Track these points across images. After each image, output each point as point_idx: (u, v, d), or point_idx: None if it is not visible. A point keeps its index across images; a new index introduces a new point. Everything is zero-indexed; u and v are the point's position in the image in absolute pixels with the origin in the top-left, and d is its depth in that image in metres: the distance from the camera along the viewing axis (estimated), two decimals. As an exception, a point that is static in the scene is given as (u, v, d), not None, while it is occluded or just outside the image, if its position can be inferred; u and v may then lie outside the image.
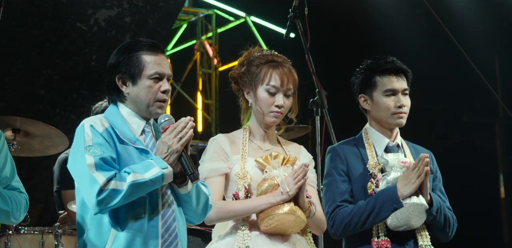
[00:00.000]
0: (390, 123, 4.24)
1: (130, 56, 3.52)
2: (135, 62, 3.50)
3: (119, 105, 3.57)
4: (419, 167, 3.99)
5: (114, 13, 8.01)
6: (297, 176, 3.75)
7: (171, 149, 3.36)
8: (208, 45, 10.87)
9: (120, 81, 3.53)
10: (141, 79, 3.49)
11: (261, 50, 4.08)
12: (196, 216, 3.57)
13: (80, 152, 3.36)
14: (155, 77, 3.49)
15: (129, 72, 3.50)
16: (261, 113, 3.96)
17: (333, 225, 4.09)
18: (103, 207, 3.27)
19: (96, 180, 3.26)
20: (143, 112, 3.52)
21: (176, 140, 3.36)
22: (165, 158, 3.36)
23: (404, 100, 4.23)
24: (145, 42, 3.57)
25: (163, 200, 3.42)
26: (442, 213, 4.12)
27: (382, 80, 4.25)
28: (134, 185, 3.27)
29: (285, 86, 3.94)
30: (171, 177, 3.37)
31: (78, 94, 7.90)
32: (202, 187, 3.53)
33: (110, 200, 3.26)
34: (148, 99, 3.48)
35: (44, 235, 5.32)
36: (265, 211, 3.78)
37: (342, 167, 4.19)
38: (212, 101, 10.63)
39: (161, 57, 3.54)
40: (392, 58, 4.31)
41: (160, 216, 3.39)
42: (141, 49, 3.53)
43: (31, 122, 5.45)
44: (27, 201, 3.84)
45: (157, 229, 3.36)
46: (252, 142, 4.02)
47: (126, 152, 3.42)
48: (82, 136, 3.40)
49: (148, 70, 3.49)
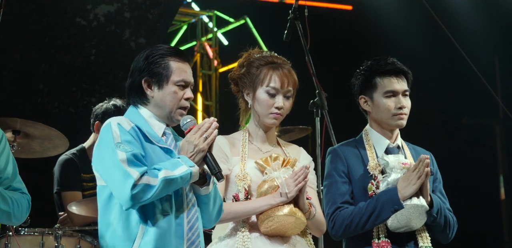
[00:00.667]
0: (390, 124, 4.24)
1: (159, 61, 3.57)
2: (163, 67, 3.55)
3: (139, 107, 3.61)
4: (420, 168, 3.99)
5: (114, 9, 8.02)
6: (297, 178, 3.76)
7: (197, 148, 3.42)
8: (208, 47, 10.86)
9: (146, 84, 3.57)
10: (168, 84, 3.55)
11: (261, 52, 4.09)
12: (211, 219, 3.62)
13: (109, 149, 3.40)
14: (181, 84, 3.55)
15: (156, 76, 3.55)
16: (261, 115, 3.96)
17: (334, 226, 4.08)
18: (136, 201, 3.31)
19: (130, 174, 3.31)
20: (164, 117, 3.58)
21: (202, 139, 3.42)
22: (191, 157, 3.42)
23: (404, 101, 4.23)
24: (174, 49, 3.64)
25: (187, 199, 3.48)
26: (443, 214, 4.12)
27: (382, 82, 4.25)
28: (166, 181, 3.32)
29: (285, 87, 3.95)
30: (197, 176, 3.43)
31: (77, 87, 7.88)
32: (218, 190, 3.60)
33: (143, 195, 3.30)
34: (172, 104, 3.54)
35: (44, 237, 5.31)
36: (265, 213, 3.78)
37: (342, 168, 4.19)
38: (212, 103, 10.63)
39: (187, 65, 3.61)
40: (392, 60, 4.31)
41: (185, 214, 3.45)
42: (170, 55, 3.58)
43: (31, 124, 5.45)
44: (29, 202, 3.84)
45: (182, 227, 3.42)
46: (251, 143, 4.02)
47: (152, 150, 3.48)
48: (110, 133, 3.44)
49: (176, 77, 3.55)
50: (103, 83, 7.91)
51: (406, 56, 4.90)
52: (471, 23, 9.44)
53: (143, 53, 3.64)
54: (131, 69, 3.64)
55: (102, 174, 3.46)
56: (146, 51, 3.64)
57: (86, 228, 5.49)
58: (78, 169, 5.79)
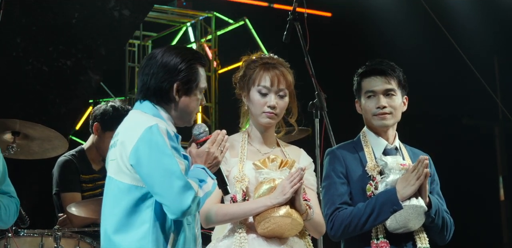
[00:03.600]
0: (374, 125, 4.24)
1: (192, 67, 3.51)
2: (194, 74, 3.51)
3: (158, 107, 3.52)
4: (419, 169, 4.00)
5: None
6: (293, 180, 3.76)
7: (216, 160, 3.49)
8: (207, 48, 10.86)
9: (177, 88, 3.50)
10: (195, 91, 3.52)
11: (261, 55, 4.10)
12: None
13: (164, 155, 3.33)
14: (202, 91, 3.57)
15: (187, 81, 3.49)
16: (256, 115, 3.97)
17: (333, 227, 4.09)
18: (190, 213, 3.33)
19: (191, 186, 3.31)
20: (182, 121, 3.56)
21: (219, 152, 3.48)
22: (210, 168, 3.47)
23: (384, 101, 4.20)
24: (200, 54, 3.64)
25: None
26: (440, 215, 4.13)
27: (364, 83, 4.27)
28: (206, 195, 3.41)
29: (276, 86, 3.95)
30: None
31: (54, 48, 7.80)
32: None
33: (197, 207, 3.36)
34: (195, 111, 3.56)
35: (44, 238, 5.31)
36: (262, 214, 3.78)
37: (341, 169, 4.19)
38: (212, 104, 10.62)
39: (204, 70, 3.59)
40: (380, 60, 4.31)
41: (196, 224, 3.52)
42: (198, 61, 3.55)
43: (31, 125, 5.45)
44: (18, 206, 3.85)
45: (194, 233, 3.49)
46: (251, 145, 4.02)
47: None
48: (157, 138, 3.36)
49: (202, 84, 3.55)
50: (81, 48, 7.81)
51: (404, 57, 4.91)
52: (470, 23, 9.45)
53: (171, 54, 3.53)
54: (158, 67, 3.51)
55: (148, 177, 3.35)
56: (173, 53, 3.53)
57: (85, 229, 5.49)
58: (77, 170, 5.79)
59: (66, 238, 5.34)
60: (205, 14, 10.90)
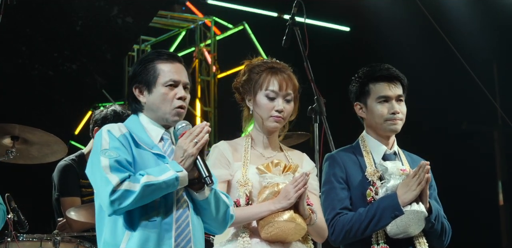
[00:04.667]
0: (384, 130, 4.25)
1: (146, 66, 3.59)
2: (150, 71, 3.57)
3: (139, 114, 3.63)
4: (420, 174, 4.00)
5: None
6: (297, 185, 3.76)
7: (187, 153, 3.41)
8: (206, 52, 10.87)
9: (137, 90, 3.60)
10: (156, 87, 3.55)
11: (262, 59, 4.11)
12: (217, 225, 3.60)
13: (97, 156, 3.43)
14: (169, 84, 3.55)
15: (145, 81, 3.57)
16: (262, 119, 3.97)
17: (333, 232, 4.09)
18: (116, 207, 3.33)
19: (109, 180, 3.33)
20: (161, 120, 3.58)
21: (192, 144, 3.42)
22: (181, 162, 3.41)
23: (397, 107, 4.23)
24: (162, 52, 3.65)
25: (177, 205, 3.46)
26: (440, 220, 4.13)
27: (375, 87, 4.27)
28: (148, 186, 3.32)
29: (284, 90, 3.96)
30: (186, 181, 3.42)
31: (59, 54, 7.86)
32: (222, 196, 3.56)
33: (122, 200, 3.31)
34: (164, 106, 3.54)
35: (43, 242, 5.30)
36: (265, 219, 3.78)
37: (341, 174, 4.19)
38: (211, 109, 10.63)
39: (176, 65, 3.60)
40: (387, 66, 4.32)
41: (174, 220, 3.43)
42: (157, 58, 3.60)
43: (30, 130, 5.44)
44: (5, 212, 3.87)
45: (171, 234, 3.41)
46: (254, 149, 4.03)
47: (142, 156, 3.48)
48: (100, 140, 3.48)
49: (163, 78, 3.55)
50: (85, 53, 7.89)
51: (404, 62, 4.92)
52: (469, 29, 9.45)
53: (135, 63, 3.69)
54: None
55: (91, 181, 3.48)
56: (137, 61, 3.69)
57: (84, 234, 5.48)
58: (77, 175, 5.79)
59: (65, 243, 5.33)
60: (204, 18, 10.92)
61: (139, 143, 3.50)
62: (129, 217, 3.40)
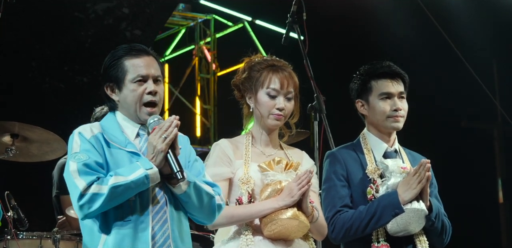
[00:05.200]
0: (386, 127, 4.25)
1: (114, 63, 3.55)
2: (118, 69, 3.53)
3: (115, 112, 3.60)
4: (420, 172, 4.00)
5: (113, 5, 8.06)
6: (301, 182, 3.76)
7: (156, 149, 3.36)
8: (206, 50, 10.87)
9: (109, 89, 3.57)
10: (125, 84, 3.52)
11: (262, 57, 4.10)
12: (203, 216, 3.55)
13: (68, 160, 3.42)
14: (137, 80, 3.51)
15: (114, 79, 3.54)
16: (263, 117, 3.97)
17: (334, 230, 4.09)
18: (85, 211, 3.31)
19: (76, 185, 3.31)
20: (133, 117, 3.54)
21: (161, 140, 3.36)
22: (152, 158, 3.37)
23: (400, 104, 4.23)
24: (128, 47, 3.59)
25: (154, 202, 3.42)
26: (440, 219, 4.13)
27: (377, 84, 4.27)
28: (116, 188, 3.29)
29: (285, 89, 3.96)
30: (158, 178, 3.37)
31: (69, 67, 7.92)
32: (204, 187, 3.50)
33: (91, 204, 3.29)
34: (134, 103, 3.50)
35: (43, 240, 5.31)
36: (268, 216, 3.78)
37: (341, 172, 4.19)
38: (211, 106, 10.62)
39: (144, 59, 3.55)
40: (389, 63, 4.32)
41: (150, 218, 3.39)
42: (124, 54, 3.55)
43: (30, 127, 5.45)
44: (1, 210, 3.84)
45: (147, 232, 3.36)
46: (255, 147, 4.03)
47: (115, 156, 3.44)
48: (71, 144, 3.46)
49: (130, 75, 3.51)
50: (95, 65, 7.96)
51: (404, 60, 4.91)
52: (469, 26, 9.45)
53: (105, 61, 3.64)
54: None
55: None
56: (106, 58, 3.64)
57: (84, 232, 5.49)
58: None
59: (65, 241, 5.34)
60: (204, 16, 10.91)
61: (111, 142, 3.46)
62: (104, 218, 3.38)
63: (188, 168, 3.56)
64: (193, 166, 3.61)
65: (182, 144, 3.55)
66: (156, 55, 3.64)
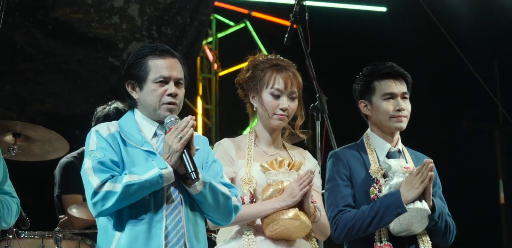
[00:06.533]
0: (389, 127, 4.25)
1: (138, 62, 3.57)
2: (141, 67, 3.55)
3: (134, 110, 3.62)
4: (423, 172, 4.00)
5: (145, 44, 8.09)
6: (302, 182, 3.76)
7: (172, 149, 3.38)
8: (208, 50, 10.86)
9: (130, 86, 3.59)
10: (147, 83, 3.53)
11: (266, 56, 4.10)
12: (220, 217, 3.55)
13: (84, 157, 3.44)
14: (159, 80, 3.52)
15: (136, 77, 3.55)
16: (266, 117, 3.97)
17: (336, 229, 4.09)
18: (99, 209, 3.34)
19: (90, 183, 3.34)
20: (153, 116, 3.56)
21: (177, 140, 3.38)
22: (167, 158, 3.39)
23: (403, 104, 4.24)
24: (153, 47, 3.61)
25: (168, 201, 3.43)
26: (443, 218, 4.13)
27: (380, 85, 4.27)
28: (129, 186, 3.31)
29: (289, 89, 3.96)
30: (172, 177, 3.38)
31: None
32: (221, 188, 3.50)
33: (105, 202, 3.31)
34: (154, 102, 3.52)
35: (44, 240, 5.32)
36: (270, 216, 3.78)
37: (344, 172, 4.20)
38: (212, 106, 10.61)
39: (168, 60, 3.56)
40: (391, 63, 4.33)
41: (164, 217, 3.40)
42: (149, 54, 3.57)
43: (32, 127, 5.44)
44: (19, 206, 3.86)
45: (160, 231, 3.37)
46: (257, 146, 4.03)
47: (131, 155, 3.46)
48: (88, 142, 3.48)
49: (153, 74, 3.53)
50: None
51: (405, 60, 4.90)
52: (470, 26, 9.44)
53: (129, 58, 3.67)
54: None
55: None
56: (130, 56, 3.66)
57: (86, 231, 5.49)
58: (79, 172, 5.77)
59: (67, 240, 5.34)
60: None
61: (128, 141, 3.48)
62: (119, 217, 3.40)
63: (206, 169, 3.58)
64: (211, 167, 3.61)
65: (200, 145, 3.59)
66: (181, 57, 3.66)
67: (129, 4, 7.96)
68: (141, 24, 8.02)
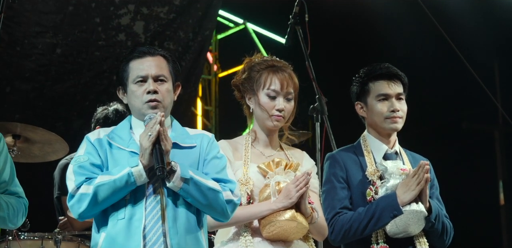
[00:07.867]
0: (384, 128, 4.25)
1: (122, 67, 3.62)
2: (123, 72, 3.60)
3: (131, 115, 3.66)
4: (419, 174, 4.00)
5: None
6: (299, 184, 3.76)
7: (142, 147, 3.40)
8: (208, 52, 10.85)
9: (120, 92, 3.64)
10: (128, 86, 3.58)
11: (262, 57, 4.10)
12: (215, 213, 3.52)
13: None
14: (138, 80, 3.55)
15: (121, 82, 3.62)
16: (263, 118, 3.97)
17: (333, 231, 4.09)
18: (77, 211, 3.37)
19: (69, 186, 3.39)
20: (141, 116, 3.56)
21: (146, 137, 3.39)
22: (141, 156, 3.40)
23: (397, 105, 4.23)
24: (134, 49, 3.64)
25: (148, 200, 3.42)
26: (440, 220, 4.13)
27: (374, 86, 4.28)
28: (100, 187, 3.33)
29: (285, 90, 3.96)
30: (143, 175, 3.37)
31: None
32: (206, 182, 3.45)
33: (80, 204, 3.35)
34: (137, 103, 3.55)
35: (44, 241, 5.32)
36: (267, 218, 3.78)
37: (341, 174, 4.20)
38: (212, 108, 10.61)
39: (146, 59, 3.58)
40: (387, 64, 4.33)
41: (143, 216, 3.39)
42: (130, 57, 3.61)
43: (31, 128, 5.45)
44: (26, 206, 3.85)
45: (139, 230, 3.37)
46: (254, 148, 4.03)
47: (117, 156, 3.49)
48: (79, 148, 3.54)
49: (131, 76, 3.57)
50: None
51: (405, 61, 4.92)
52: (470, 28, 9.44)
53: None
54: None
55: None
56: None
57: (85, 232, 5.49)
58: (78, 174, 5.78)
59: (67, 241, 5.34)
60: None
61: (113, 143, 3.51)
62: (103, 218, 3.44)
63: (204, 165, 3.57)
64: (210, 163, 3.59)
65: (198, 141, 3.59)
66: (167, 54, 3.66)
67: (135, 21, 7.98)
68: (145, 40, 8.04)
